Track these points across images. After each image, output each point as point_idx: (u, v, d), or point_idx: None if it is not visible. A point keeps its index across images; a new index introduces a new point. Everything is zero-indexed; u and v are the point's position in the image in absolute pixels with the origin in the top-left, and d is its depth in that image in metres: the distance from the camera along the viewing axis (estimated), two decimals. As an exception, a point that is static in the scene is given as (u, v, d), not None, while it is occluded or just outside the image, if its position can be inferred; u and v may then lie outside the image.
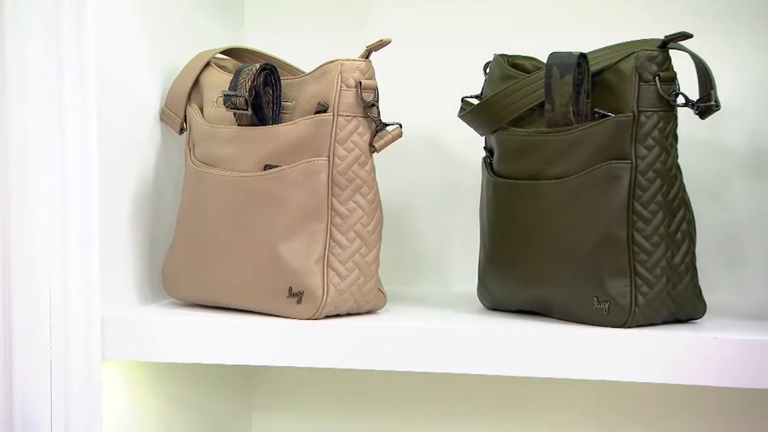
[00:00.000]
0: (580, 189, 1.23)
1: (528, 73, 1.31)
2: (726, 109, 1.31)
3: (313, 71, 1.31)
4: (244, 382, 1.65)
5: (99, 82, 1.29)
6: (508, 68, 1.33)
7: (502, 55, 1.35)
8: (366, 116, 1.29)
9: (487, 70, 1.36)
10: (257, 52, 1.44)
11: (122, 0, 1.36)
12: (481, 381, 1.53)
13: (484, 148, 1.36)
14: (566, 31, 1.42)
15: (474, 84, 1.37)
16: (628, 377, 1.17)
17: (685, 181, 1.25)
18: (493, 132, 1.33)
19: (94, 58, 1.28)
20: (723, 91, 1.28)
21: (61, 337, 1.30)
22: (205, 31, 1.51)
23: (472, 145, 1.41)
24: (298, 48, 1.52)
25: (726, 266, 1.47)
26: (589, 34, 1.33)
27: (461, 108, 1.36)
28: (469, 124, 1.36)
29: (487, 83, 1.35)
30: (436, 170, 1.56)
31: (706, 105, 1.22)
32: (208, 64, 1.41)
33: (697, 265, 1.25)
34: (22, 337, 1.30)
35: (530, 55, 1.33)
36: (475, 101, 1.35)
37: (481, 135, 1.36)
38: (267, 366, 1.58)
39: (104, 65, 1.31)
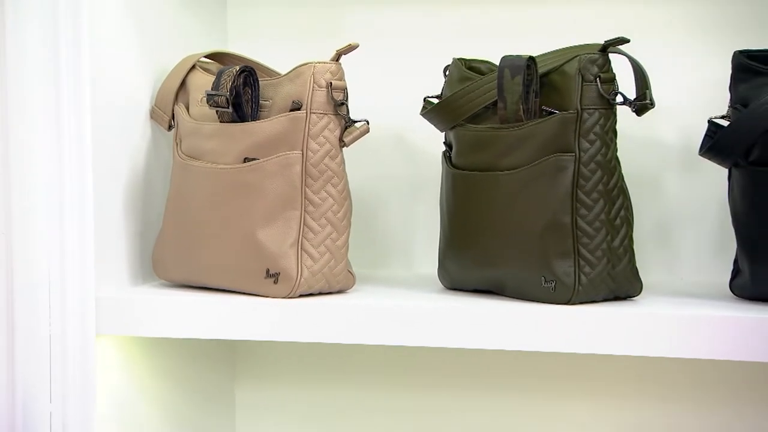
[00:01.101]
0: (529, 179, 1.23)
1: (483, 74, 1.31)
2: (661, 108, 1.31)
3: (288, 73, 1.31)
4: (228, 356, 1.63)
5: (93, 83, 1.29)
6: (465, 71, 1.33)
7: (460, 59, 1.34)
8: (336, 114, 1.29)
9: (447, 73, 1.36)
10: (238, 56, 1.44)
11: (115, 7, 1.35)
12: (447, 353, 1.53)
13: (444, 143, 1.36)
14: (517, 37, 1.42)
15: (435, 85, 1.37)
16: (571, 349, 1.17)
17: (624, 172, 1.24)
18: (452, 128, 1.33)
19: (89, 60, 1.28)
20: (658, 91, 1.28)
21: (58, 315, 1.29)
22: (192, 37, 1.51)
23: (433, 140, 1.40)
24: (275, 52, 1.50)
25: (660, 249, 1.47)
26: (538, 39, 1.33)
27: (423, 107, 1.36)
28: (430, 122, 1.35)
29: (447, 84, 1.35)
30: (401, 163, 1.55)
31: (642, 103, 1.22)
32: (193, 67, 1.40)
33: (634, 248, 1.24)
34: (24, 315, 1.30)
35: (485, 59, 1.33)
36: (436, 100, 1.35)
37: (441, 131, 1.36)
38: (248, 341, 1.58)
39: (98, 67, 1.30)
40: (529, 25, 1.44)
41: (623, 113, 1.25)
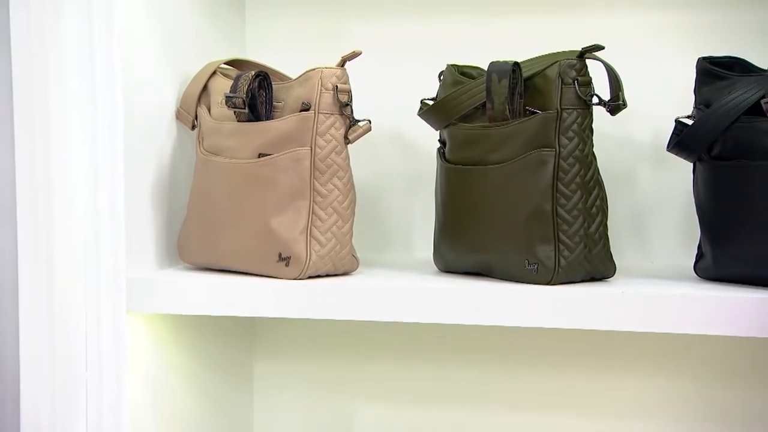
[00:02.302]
0: (514, 172, 1.23)
1: (473, 79, 1.31)
2: (633, 109, 1.31)
3: (299, 77, 1.31)
4: (246, 332, 1.63)
5: (125, 87, 1.29)
6: (457, 75, 1.33)
7: (453, 65, 1.35)
8: (342, 114, 1.29)
9: (441, 77, 1.36)
10: (254, 62, 1.43)
11: (144, 20, 1.34)
12: (443, 329, 1.53)
13: (439, 140, 1.36)
14: (504, 45, 1.41)
15: (431, 88, 1.37)
16: (552, 325, 1.17)
17: (600, 166, 1.24)
18: (446, 127, 1.33)
19: (121, 67, 1.28)
20: (631, 93, 1.28)
21: (94, 294, 1.30)
22: (213, 46, 1.51)
23: (429, 138, 1.40)
24: (287, 59, 1.50)
25: (633, 236, 1.47)
26: (523, 47, 1.33)
27: (420, 108, 1.36)
28: (426, 121, 1.36)
29: (441, 88, 1.35)
30: (401, 159, 1.55)
31: (615, 104, 1.23)
32: (214, 73, 1.40)
33: (609, 234, 1.24)
34: (62, 294, 1.30)
35: (476, 65, 1.33)
36: (431, 102, 1.35)
37: (436, 130, 1.36)
38: (264, 318, 1.59)
39: (129, 73, 1.30)
40: (515, 35, 1.43)
41: (600, 113, 1.25)
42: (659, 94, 1.38)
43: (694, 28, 1.41)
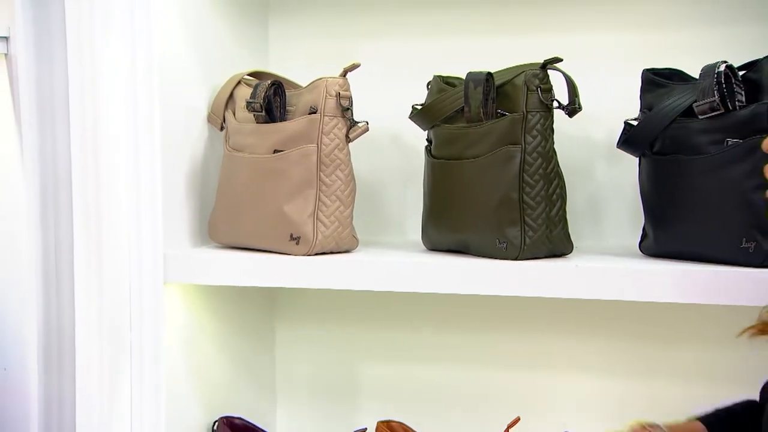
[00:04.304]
0: (487, 165, 1.24)
1: (454, 87, 1.32)
2: (589, 112, 1.30)
3: (308, 86, 1.32)
4: (268, 300, 1.62)
5: (162, 95, 1.30)
6: (442, 84, 1.34)
7: (438, 76, 1.35)
8: (343, 116, 1.29)
9: (429, 86, 1.36)
10: (271, 74, 1.43)
11: (181, 38, 1.36)
12: (432, 298, 1.52)
13: (426, 139, 1.36)
14: (481, 59, 1.38)
15: (420, 95, 1.37)
16: (519, 293, 1.19)
17: (560, 160, 1.24)
18: (431, 127, 1.34)
19: (159, 77, 1.29)
20: (587, 99, 1.28)
21: (136, 267, 1.31)
22: (238, 60, 1.50)
23: (420, 137, 1.40)
24: (300, 69, 1.51)
25: (589, 220, 1.46)
26: (495, 61, 1.33)
27: (411, 111, 1.37)
28: (415, 123, 1.36)
29: (428, 95, 1.35)
30: (396, 155, 1.53)
31: (572, 107, 1.23)
32: (239, 83, 1.41)
33: (568, 218, 1.25)
34: (110, 268, 1.31)
35: (458, 76, 1.32)
36: (420, 107, 1.36)
37: (424, 130, 1.36)
38: (283, 288, 1.58)
39: (167, 83, 1.31)
40: (490, 51, 1.43)
41: (561, 115, 1.25)
42: (611, 99, 1.37)
43: (642, 45, 1.41)
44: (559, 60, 1.22)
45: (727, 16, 1.38)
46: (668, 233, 1.21)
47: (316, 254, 1.30)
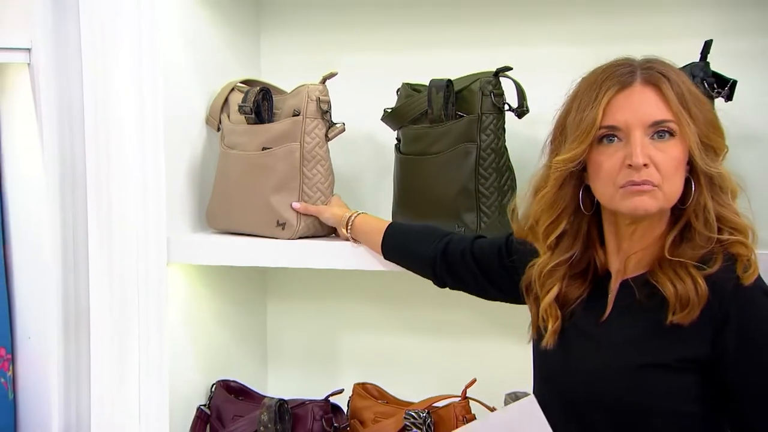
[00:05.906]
0: (448, 160, 1.26)
1: (419, 92, 1.32)
2: (537, 114, 1.30)
3: (292, 91, 1.34)
4: (260, 278, 1.60)
5: (166, 100, 1.31)
6: (409, 90, 1.35)
7: (406, 83, 1.36)
8: (323, 118, 1.31)
9: (398, 92, 1.37)
10: (261, 81, 1.44)
11: (182, 51, 1.37)
12: (404, 276, 1.51)
13: (396, 137, 1.37)
14: (443, 69, 1.37)
15: (390, 100, 1.38)
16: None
17: (511, 156, 1.25)
18: (400, 128, 1.35)
19: (163, 85, 1.30)
20: (535, 104, 1.27)
21: (143, 250, 1.32)
22: (232, 69, 1.49)
23: (389, 136, 1.40)
24: (288, 78, 1.50)
25: None
26: (456, 70, 1.33)
27: (383, 114, 1.38)
28: (386, 124, 1.37)
29: (398, 99, 1.36)
30: (371, 152, 1.50)
31: (521, 110, 1.25)
32: (233, 89, 1.43)
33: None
34: (120, 250, 1.33)
35: (423, 83, 1.32)
36: (390, 110, 1.36)
37: (394, 130, 1.37)
38: (273, 267, 1.56)
39: (169, 89, 1.33)
40: (451, 62, 1.41)
41: (511, 117, 1.26)
42: (554, 104, 1.38)
43: (587, 58, 1.40)
44: (509, 69, 1.24)
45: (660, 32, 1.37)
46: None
47: (300, 238, 1.31)
